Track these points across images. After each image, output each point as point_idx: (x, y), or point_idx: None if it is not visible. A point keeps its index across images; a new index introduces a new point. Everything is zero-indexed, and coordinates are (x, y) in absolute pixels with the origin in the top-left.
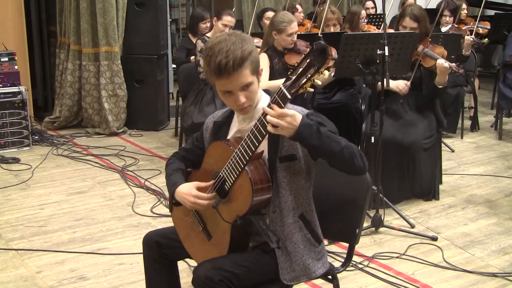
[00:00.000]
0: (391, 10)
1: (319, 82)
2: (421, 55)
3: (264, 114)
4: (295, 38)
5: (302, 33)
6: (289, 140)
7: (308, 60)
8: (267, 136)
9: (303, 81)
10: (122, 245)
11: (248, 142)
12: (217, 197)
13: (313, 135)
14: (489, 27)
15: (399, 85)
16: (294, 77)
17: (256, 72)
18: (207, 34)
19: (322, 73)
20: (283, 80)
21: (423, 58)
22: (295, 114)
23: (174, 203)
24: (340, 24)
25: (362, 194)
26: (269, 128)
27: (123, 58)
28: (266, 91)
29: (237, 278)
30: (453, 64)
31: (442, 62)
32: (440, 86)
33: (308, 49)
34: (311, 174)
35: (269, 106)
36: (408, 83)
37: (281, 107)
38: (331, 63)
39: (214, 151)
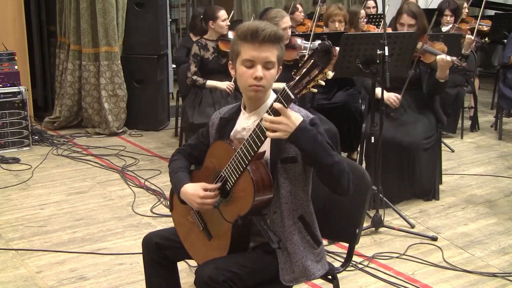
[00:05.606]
0: (391, 10)
1: (323, 83)
2: (420, 51)
3: (270, 112)
4: (289, 33)
5: (302, 32)
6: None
7: (312, 61)
8: None
9: (307, 81)
10: (122, 245)
11: (251, 142)
12: (219, 197)
13: (308, 140)
14: (490, 25)
15: (390, 97)
16: (297, 78)
17: (279, 62)
18: (205, 36)
19: (326, 74)
20: (280, 84)
21: (422, 55)
22: (293, 117)
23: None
24: (346, 22)
25: (362, 194)
26: (268, 133)
27: (123, 58)
28: (274, 90)
29: (239, 279)
30: (455, 57)
31: (442, 57)
32: (442, 80)
33: (302, 44)
34: (309, 176)
35: (271, 106)
36: (400, 96)
37: (284, 107)
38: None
39: (216, 150)
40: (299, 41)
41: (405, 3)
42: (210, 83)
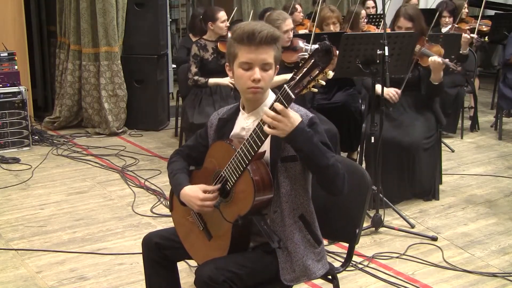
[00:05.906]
0: (392, 10)
1: (323, 82)
2: (417, 54)
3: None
4: (291, 36)
5: (302, 32)
6: None
7: (312, 60)
8: (270, 135)
9: (307, 81)
10: (122, 245)
11: (251, 141)
12: (219, 197)
13: (304, 141)
14: (490, 25)
15: (389, 91)
16: (298, 77)
17: (276, 62)
18: (204, 37)
19: (326, 73)
20: (285, 75)
21: (420, 57)
22: (294, 117)
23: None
24: (340, 23)
25: (362, 194)
26: (266, 128)
27: (123, 58)
28: (273, 90)
29: (240, 279)
30: (447, 60)
31: (434, 58)
32: (436, 83)
33: (304, 47)
34: (308, 175)
35: (272, 106)
36: (399, 91)
37: (284, 107)
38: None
39: (216, 150)
40: (300, 43)
41: (403, 6)
42: (212, 80)
